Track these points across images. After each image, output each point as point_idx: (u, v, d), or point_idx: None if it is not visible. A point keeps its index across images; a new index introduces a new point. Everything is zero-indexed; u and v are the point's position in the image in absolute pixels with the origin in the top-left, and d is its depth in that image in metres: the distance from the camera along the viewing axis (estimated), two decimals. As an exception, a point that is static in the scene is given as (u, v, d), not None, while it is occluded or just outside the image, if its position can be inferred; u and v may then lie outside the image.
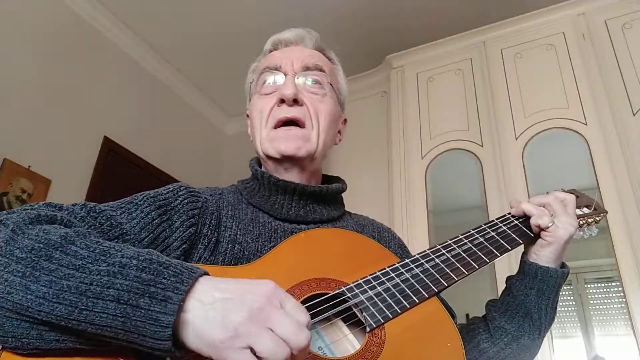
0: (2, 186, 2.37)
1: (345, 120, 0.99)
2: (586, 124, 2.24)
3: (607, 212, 0.97)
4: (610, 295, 2.52)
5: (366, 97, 3.07)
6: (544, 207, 0.86)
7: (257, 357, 0.48)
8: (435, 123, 2.63)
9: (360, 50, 3.21)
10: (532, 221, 0.84)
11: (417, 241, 2.34)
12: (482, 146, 2.45)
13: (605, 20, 2.41)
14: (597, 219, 0.94)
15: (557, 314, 0.89)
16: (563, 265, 0.87)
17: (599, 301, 2.55)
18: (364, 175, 2.81)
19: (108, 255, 0.54)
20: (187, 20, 3.12)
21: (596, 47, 2.37)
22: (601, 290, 2.56)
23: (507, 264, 2.01)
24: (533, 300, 0.84)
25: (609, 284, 2.51)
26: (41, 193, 2.54)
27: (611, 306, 2.49)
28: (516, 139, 2.37)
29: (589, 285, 2.57)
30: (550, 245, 0.83)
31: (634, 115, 2.16)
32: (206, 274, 0.55)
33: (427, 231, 2.39)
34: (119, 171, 3.00)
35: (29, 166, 2.50)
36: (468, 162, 2.49)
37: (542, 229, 0.83)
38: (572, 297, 2.53)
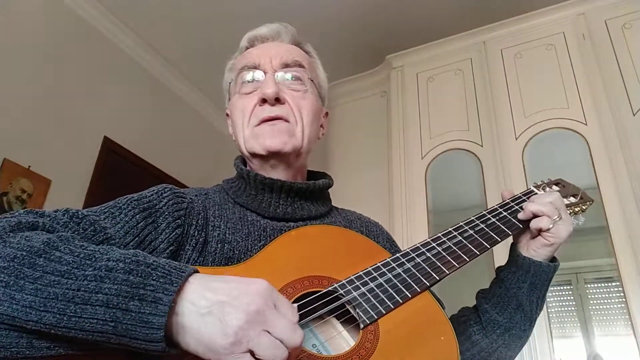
0: (2, 186, 2.37)
1: (327, 114, 0.98)
2: (586, 124, 2.24)
3: (593, 201, 0.98)
4: (610, 295, 2.52)
5: (366, 97, 3.08)
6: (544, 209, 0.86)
7: (256, 359, 0.49)
8: (435, 123, 2.63)
9: (360, 50, 3.21)
10: (534, 225, 0.84)
11: (417, 241, 2.33)
12: (482, 146, 2.45)
13: (605, 20, 2.41)
14: (584, 207, 0.96)
15: (557, 314, 0.91)
16: (554, 259, 0.88)
17: (599, 301, 2.55)
18: (364, 175, 2.81)
19: (94, 259, 0.53)
20: (187, 20, 3.13)
21: (596, 47, 2.37)
22: (601, 290, 2.56)
23: (505, 258, 2.00)
24: (525, 293, 0.85)
25: (609, 284, 2.50)
26: (41, 193, 2.54)
27: (611, 306, 2.49)
28: (516, 139, 2.37)
29: (589, 285, 2.57)
30: (551, 245, 0.84)
31: (634, 115, 2.16)
32: (196, 272, 0.54)
33: (427, 231, 2.39)
34: (119, 171, 3.00)
35: (29, 166, 2.50)
36: (468, 162, 2.49)
37: (544, 231, 0.84)
38: (572, 297, 2.53)
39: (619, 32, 2.36)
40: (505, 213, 0.88)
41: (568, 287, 2.58)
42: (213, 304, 0.50)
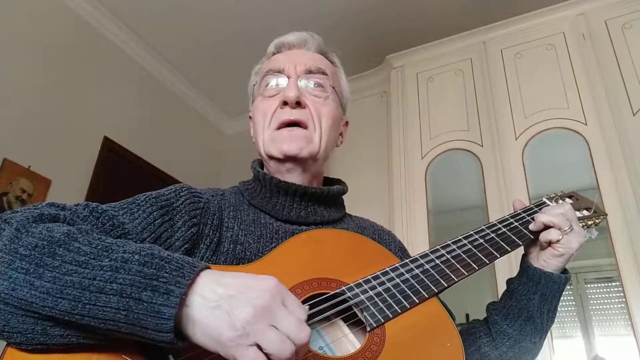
0: (2, 186, 2.37)
1: (347, 123, 1.00)
2: (586, 124, 2.24)
3: (606, 215, 0.97)
4: (610, 295, 2.52)
5: (366, 97, 3.07)
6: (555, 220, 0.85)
7: (264, 353, 0.50)
8: (435, 123, 2.63)
9: (360, 50, 3.21)
10: (543, 237, 0.84)
11: (418, 241, 2.34)
12: (482, 146, 2.45)
13: (605, 20, 2.41)
14: (597, 221, 0.95)
15: (557, 314, 0.90)
16: (564, 271, 0.87)
17: (599, 301, 2.55)
18: (364, 175, 2.81)
19: (110, 251, 0.55)
20: (187, 21, 3.12)
21: (596, 47, 2.37)
22: (601, 290, 2.56)
23: (507, 265, 2.01)
24: (536, 304, 0.84)
25: (609, 284, 2.51)
26: (41, 193, 2.54)
27: (611, 306, 2.49)
28: (516, 139, 2.37)
29: (589, 285, 2.57)
30: (562, 256, 0.84)
31: (634, 115, 2.16)
32: (208, 267, 0.56)
33: (427, 231, 2.39)
34: (119, 171, 3.00)
35: (29, 166, 2.50)
36: (468, 162, 2.49)
37: (553, 242, 0.83)
38: (572, 297, 2.53)
39: (619, 32, 2.36)
40: (516, 223, 0.87)
41: (568, 287, 2.57)
42: (222, 297, 0.52)
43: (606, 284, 2.54)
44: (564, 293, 0.88)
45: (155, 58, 3.39)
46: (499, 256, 0.81)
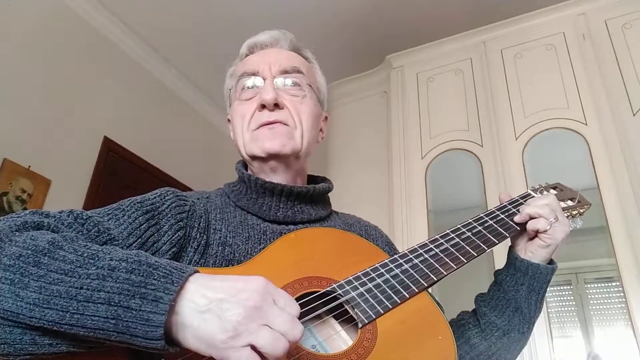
0: (2, 186, 2.37)
1: (326, 118, 1.00)
2: (586, 124, 2.24)
3: (590, 205, 0.98)
4: (610, 295, 2.51)
5: (366, 97, 3.08)
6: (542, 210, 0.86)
7: (258, 353, 0.50)
8: (435, 123, 2.63)
9: (360, 50, 3.21)
10: (530, 226, 0.85)
11: (417, 241, 2.32)
12: (482, 146, 2.45)
13: (605, 20, 2.41)
14: (582, 211, 0.97)
15: (557, 314, 0.92)
16: (552, 262, 0.89)
17: (599, 301, 2.54)
18: (364, 175, 2.81)
19: (97, 258, 0.55)
20: (188, 20, 3.13)
21: (596, 47, 2.37)
22: (601, 290, 2.55)
23: (504, 261, 2.00)
24: (523, 295, 0.85)
25: (609, 284, 2.50)
26: (41, 193, 2.54)
27: (611, 306, 2.48)
28: (516, 139, 2.37)
29: (589, 285, 2.56)
30: (548, 246, 0.85)
31: (634, 115, 2.16)
32: (196, 272, 0.55)
33: (427, 231, 2.39)
34: (119, 171, 3.00)
35: (29, 166, 2.50)
36: (468, 162, 2.49)
37: (541, 232, 0.85)
38: (572, 297, 2.53)
39: (619, 32, 2.36)
40: (502, 216, 0.89)
41: (568, 287, 2.57)
42: (212, 301, 0.51)
43: (606, 284, 2.53)
44: (564, 293, 0.90)
45: (155, 58, 3.40)
46: (486, 248, 0.83)
